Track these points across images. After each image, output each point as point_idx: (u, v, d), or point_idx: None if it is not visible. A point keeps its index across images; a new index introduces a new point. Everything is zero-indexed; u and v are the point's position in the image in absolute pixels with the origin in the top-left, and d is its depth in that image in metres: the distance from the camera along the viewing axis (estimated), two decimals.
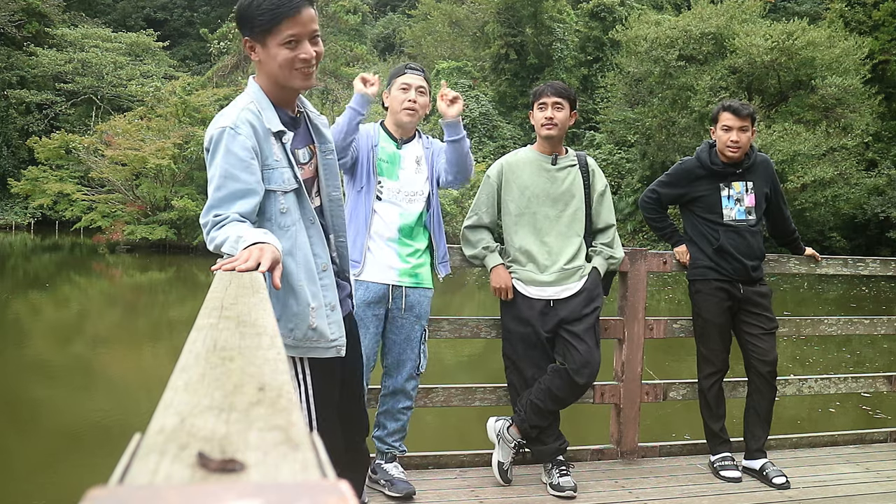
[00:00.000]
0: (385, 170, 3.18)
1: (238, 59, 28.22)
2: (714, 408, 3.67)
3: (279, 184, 2.06)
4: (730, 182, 3.60)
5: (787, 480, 3.45)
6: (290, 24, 1.98)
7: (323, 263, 2.16)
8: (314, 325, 2.11)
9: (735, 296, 3.60)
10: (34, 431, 6.12)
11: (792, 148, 21.25)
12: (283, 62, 2.01)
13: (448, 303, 15.16)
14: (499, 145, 26.85)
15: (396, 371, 3.21)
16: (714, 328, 3.63)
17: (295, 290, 2.08)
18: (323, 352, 2.15)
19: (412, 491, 3.16)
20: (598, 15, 30.41)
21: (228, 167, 1.97)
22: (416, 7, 35.25)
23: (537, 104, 3.41)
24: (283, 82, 2.06)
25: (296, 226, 2.09)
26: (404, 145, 3.26)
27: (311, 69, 2.05)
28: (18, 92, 33.18)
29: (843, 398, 7.16)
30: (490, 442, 3.47)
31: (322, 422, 2.19)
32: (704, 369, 3.69)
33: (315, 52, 2.04)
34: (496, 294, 3.40)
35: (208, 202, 2.01)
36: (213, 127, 2.05)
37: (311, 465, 0.48)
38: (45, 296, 15.21)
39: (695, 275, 3.69)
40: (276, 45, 2.00)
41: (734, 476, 3.51)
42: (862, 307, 14.86)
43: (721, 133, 3.57)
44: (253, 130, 2.01)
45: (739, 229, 3.59)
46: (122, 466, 0.49)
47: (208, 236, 1.97)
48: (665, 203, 3.77)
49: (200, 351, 0.76)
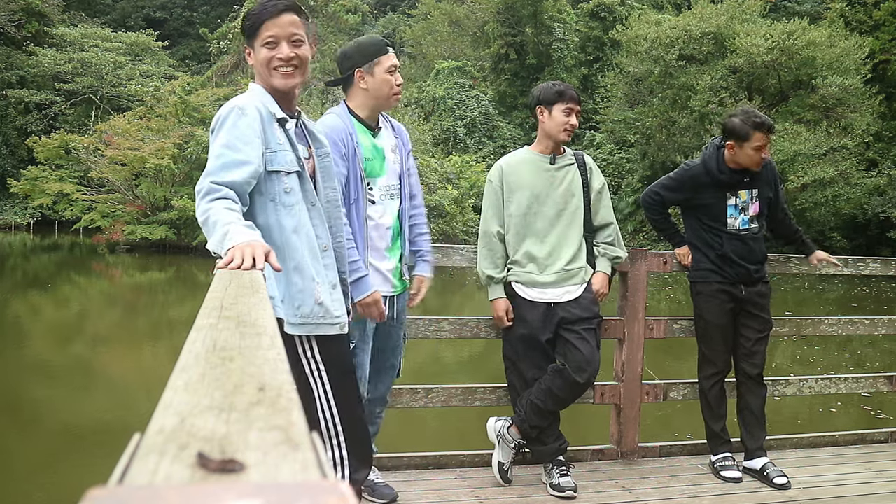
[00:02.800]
0: (371, 167, 2.87)
1: (238, 59, 28.23)
2: (715, 408, 3.67)
3: (283, 164, 2.16)
4: (737, 191, 3.57)
5: (789, 480, 3.45)
6: (269, 25, 2.18)
7: (323, 244, 2.25)
8: (320, 299, 2.18)
9: (737, 297, 3.61)
10: (34, 431, 6.12)
11: (792, 148, 21.25)
12: (262, 60, 2.20)
13: (448, 303, 15.16)
14: (499, 145, 26.85)
15: (378, 379, 3.04)
16: (716, 329, 3.63)
17: (300, 267, 2.16)
18: (329, 328, 2.21)
19: (395, 496, 3.11)
20: (599, 15, 30.42)
21: (231, 138, 2.07)
22: (416, 7, 35.25)
23: (564, 107, 3.31)
24: (267, 82, 2.23)
25: (299, 204, 2.18)
26: (379, 133, 2.94)
27: (290, 69, 2.21)
28: (18, 92, 33.17)
29: (845, 398, 7.16)
30: (490, 442, 3.47)
31: (340, 397, 2.22)
32: (706, 370, 3.69)
33: (295, 54, 2.20)
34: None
35: (206, 169, 2.06)
36: (222, 108, 2.18)
37: (312, 466, 0.48)
38: (44, 296, 15.21)
39: (697, 277, 3.68)
40: (259, 45, 2.21)
41: (735, 476, 3.51)
42: (863, 307, 14.86)
43: (752, 153, 3.45)
44: (259, 115, 2.13)
45: (743, 237, 3.58)
46: (121, 466, 0.49)
47: (199, 205, 1.98)
48: (668, 205, 3.76)
49: (200, 351, 0.76)
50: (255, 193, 2.13)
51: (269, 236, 2.10)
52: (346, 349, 2.35)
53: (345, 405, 2.27)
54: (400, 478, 3.34)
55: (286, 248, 2.13)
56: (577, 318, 3.28)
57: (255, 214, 2.14)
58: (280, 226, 2.15)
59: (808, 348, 10.01)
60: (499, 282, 3.39)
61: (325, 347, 2.23)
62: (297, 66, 2.21)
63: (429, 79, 29.47)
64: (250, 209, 2.14)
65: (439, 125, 27.10)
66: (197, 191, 2.02)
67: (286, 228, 2.15)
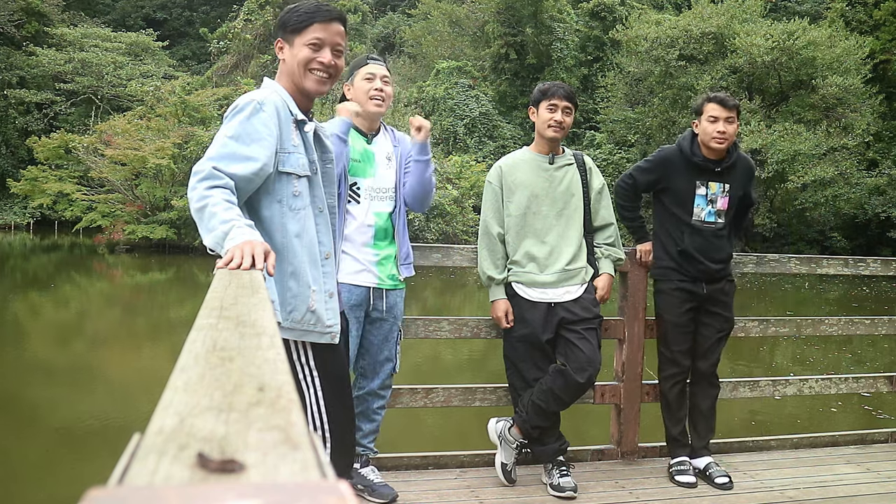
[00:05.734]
0: (358, 169, 3.11)
1: (238, 58, 28.26)
2: (675, 410, 3.61)
3: (294, 167, 2.14)
4: (707, 181, 3.53)
5: (730, 480, 3.42)
6: (318, 28, 2.18)
7: (326, 251, 2.23)
8: (313, 307, 2.15)
9: (698, 294, 3.55)
10: (34, 431, 6.12)
11: (792, 148, 21.26)
12: (302, 60, 2.18)
13: (448, 303, 15.16)
14: (499, 145, 26.86)
15: (373, 373, 3.17)
16: (676, 329, 3.57)
17: (297, 272, 2.13)
18: (318, 336, 2.19)
19: (395, 495, 3.12)
20: (599, 14, 30.42)
21: (242, 131, 2.05)
22: (416, 7, 35.24)
23: (547, 104, 3.35)
24: (299, 81, 2.20)
25: (306, 210, 2.16)
26: (373, 140, 3.18)
27: (325, 76, 2.20)
28: (18, 92, 33.17)
29: (845, 398, 7.16)
30: (490, 442, 3.47)
31: (330, 402, 2.22)
32: (666, 370, 3.62)
33: (334, 63, 2.20)
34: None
35: (210, 153, 2.02)
36: (240, 98, 2.15)
37: (311, 466, 0.48)
38: (45, 296, 15.21)
39: (657, 275, 3.65)
40: (301, 44, 2.19)
41: (689, 481, 3.45)
42: (863, 307, 14.86)
43: (707, 124, 3.48)
44: (276, 113, 2.12)
45: (704, 232, 3.52)
46: (121, 467, 0.49)
47: (195, 187, 1.93)
48: (640, 189, 3.68)
49: (200, 351, 0.76)
50: (263, 192, 2.11)
51: (271, 237, 2.09)
52: (340, 355, 2.32)
53: (335, 411, 2.25)
54: (400, 478, 3.34)
55: (286, 252, 2.11)
56: (579, 317, 3.28)
57: (259, 214, 2.12)
58: (283, 228, 2.12)
59: (808, 348, 10.01)
60: (499, 283, 3.39)
61: (318, 352, 2.21)
62: (332, 75, 2.21)
63: (429, 79, 29.47)
64: (255, 207, 2.12)
65: (439, 125, 27.10)
66: (195, 171, 1.97)
67: (289, 232, 2.12)
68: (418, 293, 15.11)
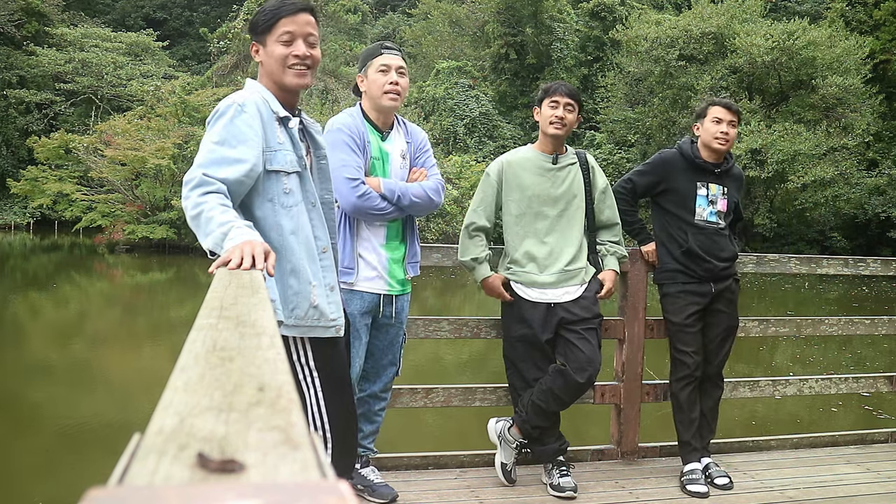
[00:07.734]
0: (373, 169, 3.01)
1: (238, 58, 28.24)
2: (687, 411, 3.56)
3: (282, 164, 2.13)
4: (707, 182, 3.54)
5: (731, 481, 3.41)
6: (286, 22, 2.16)
7: (323, 245, 2.22)
8: (315, 302, 2.15)
9: (706, 295, 3.54)
10: (34, 431, 6.12)
11: (792, 148, 21.26)
12: (278, 57, 2.17)
13: (448, 303, 15.17)
14: (499, 145, 26.85)
15: (376, 376, 3.14)
16: (686, 331, 3.54)
17: (296, 269, 2.13)
18: (323, 331, 2.19)
19: (395, 496, 3.12)
20: (599, 14, 30.41)
21: (227, 135, 2.04)
22: (416, 7, 35.24)
23: (549, 101, 3.34)
24: (279, 79, 2.19)
25: (298, 206, 2.16)
26: (388, 137, 3.08)
27: (304, 68, 2.19)
28: (18, 92, 33.16)
29: (845, 398, 7.16)
30: (490, 442, 3.47)
31: (331, 402, 2.21)
32: (677, 372, 3.59)
33: (309, 54, 2.19)
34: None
35: (198, 161, 2.01)
36: (220, 103, 2.15)
37: (311, 466, 0.48)
38: (45, 296, 15.21)
39: (663, 278, 3.62)
40: (273, 41, 2.18)
41: (702, 491, 3.34)
42: (863, 307, 14.86)
43: (710, 125, 3.50)
44: (259, 113, 2.11)
45: (708, 231, 3.52)
46: (121, 467, 0.49)
47: (189, 196, 1.93)
48: (639, 193, 3.68)
49: (200, 351, 0.76)
50: (254, 193, 2.10)
51: (267, 236, 2.08)
52: (341, 353, 2.31)
53: (336, 411, 2.25)
54: (400, 478, 3.33)
55: (283, 250, 2.10)
56: (578, 317, 3.28)
57: (252, 214, 2.12)
58: (278, 226, 2.12)
59: (808, 348, 10.01)
60: (482, 261, 3.34)
61: (318, 351, 2.20)
62: (310, 66, 2.20)
63: (429, 79, 29.46)
64: (248, 208, 2.12)
65: (439, 125, 27.09)
66: (186, 181, 1.95)
67: (284, 229, 2.12)
68: (418, 293, 15.11)
